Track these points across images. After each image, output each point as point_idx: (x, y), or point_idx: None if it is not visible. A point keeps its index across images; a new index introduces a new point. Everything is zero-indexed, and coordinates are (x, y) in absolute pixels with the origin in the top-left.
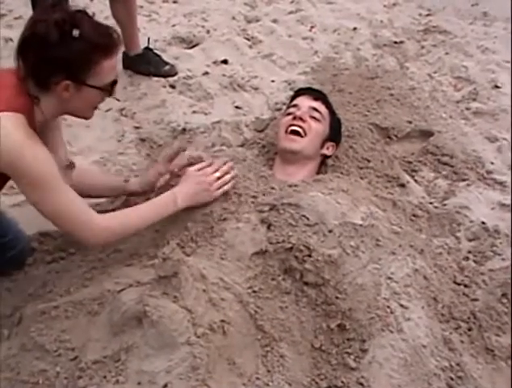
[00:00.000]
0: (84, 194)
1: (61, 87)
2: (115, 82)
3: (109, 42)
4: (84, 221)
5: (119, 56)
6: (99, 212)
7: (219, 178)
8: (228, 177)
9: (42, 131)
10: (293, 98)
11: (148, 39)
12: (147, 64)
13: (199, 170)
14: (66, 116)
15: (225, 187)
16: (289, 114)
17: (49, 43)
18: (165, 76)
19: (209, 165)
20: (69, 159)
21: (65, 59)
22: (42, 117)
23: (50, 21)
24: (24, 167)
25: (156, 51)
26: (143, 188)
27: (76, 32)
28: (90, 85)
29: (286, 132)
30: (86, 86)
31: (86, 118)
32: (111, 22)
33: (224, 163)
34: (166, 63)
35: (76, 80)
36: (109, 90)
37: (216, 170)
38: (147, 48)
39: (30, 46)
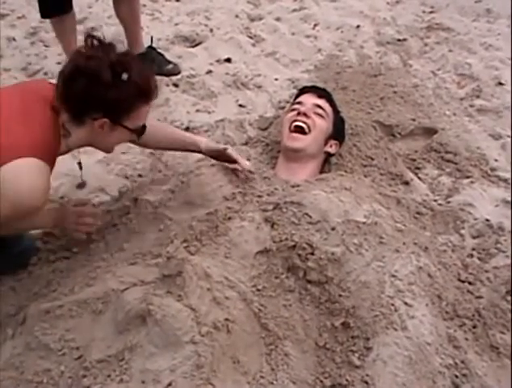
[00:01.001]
0: (154, 146)
1: (98, 124)
2: (145, 126)
3: (151, 89)
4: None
5: None
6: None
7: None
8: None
9: None
10: (297, 95)
11: (152, 38)
12: (150, 63)
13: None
14: None
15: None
16: (293, 110)
17: (101, 81)
18: (168, 75)
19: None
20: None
21: (112, 99)
22: (65, 149)
23: (104, 60)
24: (21, 210)
25: (159, 50)
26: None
27: (125, 76)
28: (125, 126)
29: (290, 128)
30: (121, 127)
31: (108, 152)
32: (114, 21)
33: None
34: (169, 62)
35: (114, 120)
36: (140, 133)
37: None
38: (150, 47)
39: (79, 79)
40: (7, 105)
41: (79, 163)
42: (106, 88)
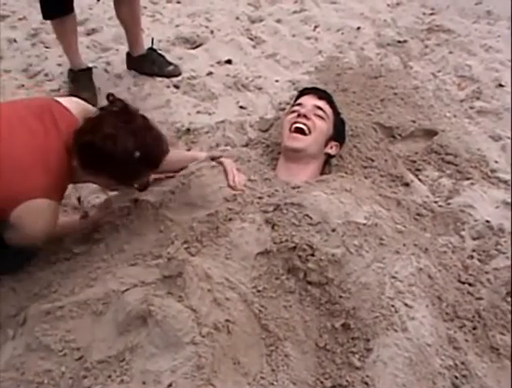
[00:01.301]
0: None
1: (104, 179)
2: (148, 182)
3: (160, 160)
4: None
5: (123, 56)
6: None
7: None
8: None
9: None
10: (298, 97)
11: (152, 39)
12: (151, 64)
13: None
14: None
15: None
16: (293, 112)
17: (113, 160)
18: (169, 76)
19: None
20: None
21: (121, 173)
22: (76, 179)
23: (120, 141)
24: (31, 237)
25: (160, 51)
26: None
27: (137, 154)
28: (129, 185)
29: (290, 129)
30: (125, 185)
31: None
32: (114, 22)
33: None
34: (170, 63)
35: (119, 183)
36: (142, 189)
37: None
38: (151, 49)
39: (94, 152)
40: (25, 139)
41: (78, 198)
42: (117, 165)
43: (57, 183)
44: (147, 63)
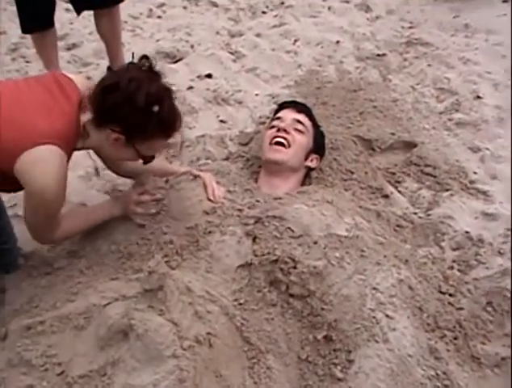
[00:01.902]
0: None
1: (114, 136)
2: (153, 157)
3: (174, 128)
4: (49, 233)
5: (104, 71)
6: None
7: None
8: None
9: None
10: (277, 111)
11: (133, 54)
12: None
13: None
14: None
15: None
16: (273, 127)
17: (132, 104)
18: None
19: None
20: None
21: (135, 124)
22: (80, 146)
23: (144, 87)
24: (41, 200)
25: None
26: None
27: (156, 109)
28: (137, 149)
29: (270, 143)
30: (133, 148)
31: (111, 169)
32: (95, 37)
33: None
34: None
35: (129, 139)
36: (147, 161)
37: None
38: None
39: (116, 94)
40: (32, 94)
41: (96, 169)
42: (135, 111)
43: (62, 132)
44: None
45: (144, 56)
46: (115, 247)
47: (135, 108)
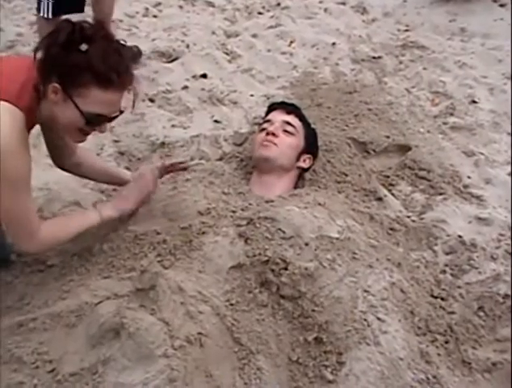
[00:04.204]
0: (83, 174)
1: (51, 89)
2: (100, 116)
3: (109, 76)
4: (28, 234)
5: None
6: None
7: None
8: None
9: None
10: (267, 113)
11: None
12: None
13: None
14: None
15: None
16: (263, 129)
17: (56, 40)
18: None
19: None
20: None
21: (60, 64)
22: (38, 118)
23: (71, 26)
24: (3, 167)
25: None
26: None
27: (84, 47)
28: (74, 102)
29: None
30: (71, 102)
31: (74, 140)
32: None
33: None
34: None
35: (64, 89)
36: (91, 120)
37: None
38: None
39: (45, 40)
40: None
41: None
42: (59, 49)
43: (25, 92)
44: None
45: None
46: (107, 246)
47: (58, 45)
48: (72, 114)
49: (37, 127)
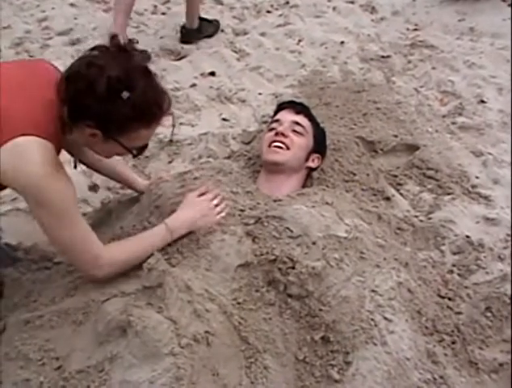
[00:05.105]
0: (98, 169)
1: (89, 132)
2: (145, 147)
3: (155, 113)
4: (93, 257)
5: None
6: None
7: (217, 205)
8: (224, 204)
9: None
10: (276, 112)
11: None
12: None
13: (200, 195)
14: None
15: (223, 214)
16: (272, 129)
17: (94, 92)
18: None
19: (207, 191)
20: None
21: (103, 115)
22: (66, 143)
23: (106, 71)
24: (47, 198)
25: None
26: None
27: (126, 95)
28: (120, 143)
29: (269, 146)
30: (113, 141)
31: (106, 158)
32: (99, 32)
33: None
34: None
35: (106, 135)
36: (136, 153)
37: (215, 197)
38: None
39: (78, 83)
40: (6, 79)
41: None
42: (98, 101)
43: (47, 121)
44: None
45: (113, 37)
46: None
47: (97, 98)
48: (115, 149)
49: None
